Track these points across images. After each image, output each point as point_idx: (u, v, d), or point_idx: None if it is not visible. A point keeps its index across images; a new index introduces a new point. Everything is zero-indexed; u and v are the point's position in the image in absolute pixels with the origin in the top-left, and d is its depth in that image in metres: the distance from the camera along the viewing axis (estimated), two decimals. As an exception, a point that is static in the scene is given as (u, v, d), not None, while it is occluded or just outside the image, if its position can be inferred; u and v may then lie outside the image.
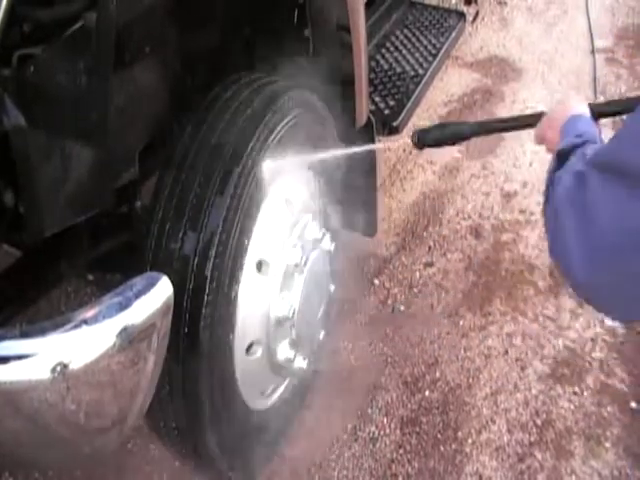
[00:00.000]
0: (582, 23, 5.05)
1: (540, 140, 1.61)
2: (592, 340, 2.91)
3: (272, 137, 1.89)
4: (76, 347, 1.27)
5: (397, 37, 3.54)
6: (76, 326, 1.29)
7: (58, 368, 1.23)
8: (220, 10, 2.08)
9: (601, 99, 4.21)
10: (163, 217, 1.76)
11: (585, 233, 1.08)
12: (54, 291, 1.78)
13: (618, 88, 4.37)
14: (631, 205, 1.00)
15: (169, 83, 1.92)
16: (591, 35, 4.89)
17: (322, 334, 2.36)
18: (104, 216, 1.69)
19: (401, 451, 2.51)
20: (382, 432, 2.55)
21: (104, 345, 1.30)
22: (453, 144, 1.92)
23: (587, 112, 1.51)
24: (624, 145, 1.07)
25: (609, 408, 2.67)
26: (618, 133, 1.09)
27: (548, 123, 1.57)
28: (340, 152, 2.21)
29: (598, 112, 1.57)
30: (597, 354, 2.86)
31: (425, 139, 1.91)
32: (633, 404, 2.69)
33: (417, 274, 3.12)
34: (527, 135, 3.78)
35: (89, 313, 1.32)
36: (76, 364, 1.26)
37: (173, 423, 1.86)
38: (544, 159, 3.67)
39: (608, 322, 2.97)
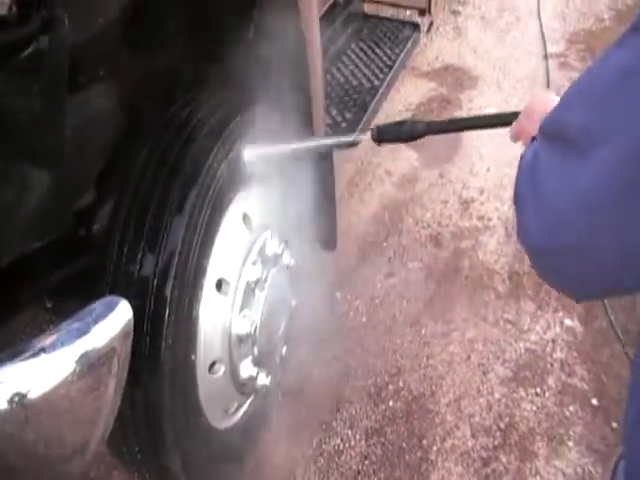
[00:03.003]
0: (535, 29, 5.12)
1: (518, 135, 1.61)
2: (552, 341, 2.95)
3: (230, 155, 1.90)
4: (34, 376, 1.26)
5: (353, 50, 3.57)
6: (34, 355, 1.28)
7: (16, 399, 1.22)
8: (174, 29, 2.08)
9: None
10: (121, 239, 1.75)
11: (539, 202, 1.09)
12: (11, 320, 1.76)
13: (572, 92, 4.43)
14: (571, 167, 1.02)
15: (125, 104, 1.91)
16: (544, 41, 4.95)
17: (284, 350, 2.37)
18: (61, 241, 1.68)
19: (367, 462, 2.52)
20: (347, 444, 2.56)
21: (63, 373, 1.29)
22: (411, 140, 1.92)
23: None
24: (561, 109, 1.09)
25: (571, 407, 2.71)
26: (562, 98, 1.11)
27: (526, 117, 1.57)
28: (306, 145, 2.19)
29: None
30: (558, 355, 2.90)
31: (383, 135, 1.93)
32: (594, 401, 2.73)
33: (378, 285, 3.14)
34: (483, 142, 3.84)
35: (47, 341, 1.31)
36: (34, 393, 1.25)
37: (136, 447, 1.84)
38: (500, 164, 3.74)
39: (567, 322, 3.01)
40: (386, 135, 1.93)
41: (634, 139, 0.93)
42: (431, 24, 4.29)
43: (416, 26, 3.95)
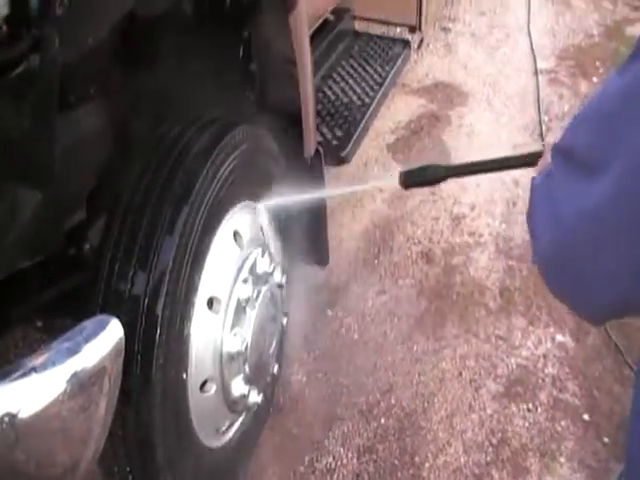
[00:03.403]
0: (524, 46, 5.14)
1: None
2: (544, 357, 2.95)
3: (220, 174, 1.90)
4: (25, 396, 1.26)
5: (343, 67, 3.58)
6: (25, 374, 1.28)
7: (6, 419, 1.22)
8: (165, 48, 2.08)
9: (545, 119, 4.29)
10: (112, 258, 1.75)
11: (551, 218, 1.12)
12: (1, 339, 1.76)
13: (561, 107, 4.45)
14: (580, 187, 1.04)
15: (116, 123, 1.92)
16: (534, 57, 4.98)
17: (276, 368, 2.37)
18: (52, 259, 1.68)
19: (359, 480, 2.52)
20: (339, 462, 2.55)
21: (54, 392, 1.30)
22: (434, 184, 2.05)
23: None
24: (569, 133, 1.12)
25: (562, 422, 2.71)
26: (574, 120, 1.13)
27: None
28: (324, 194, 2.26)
29: None
30: (549, 370, 2.90)
31: (409, 179, 2.04)
32: (585, 416, 2.73)
33: (370, 302, 3.13)
34: (474, 157, 3.85)
35: (38, 360, 1.31)
36: (25, 413, 1.25)
37: (127, 467, 1.83)
38: (491, 180, 3.76)
39: (559, 338, 3.02)
40: (411, 180, 2.04)
41: (635, 163, 0.95)
42: (421, 41, 4.30)
43: (406, 43, 3.96)
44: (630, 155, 0.96)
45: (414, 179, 2.05)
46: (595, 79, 4.74)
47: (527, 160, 1.76)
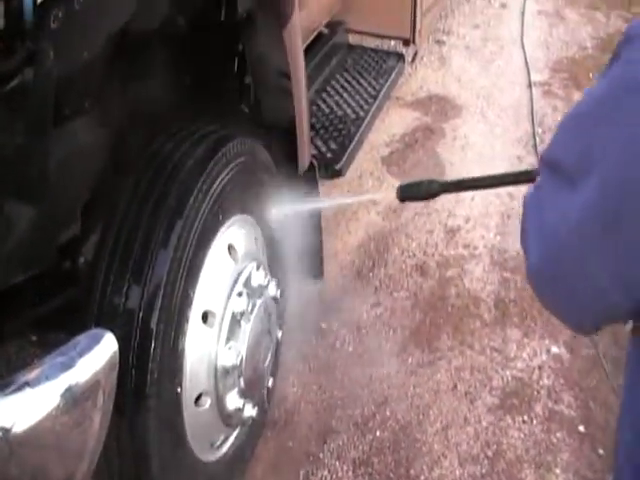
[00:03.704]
0: (518, 58, 5.17)
1: None
2: (539, 368, 2.95)
3: (215, 187, 1.90)
4: (19, 411, 1.26)
5: (337, 81, 3.59)
6: (18, 389, 1.28)
7: (0, 433, 1.21)
8: (160, 61, 2.09)
9: (539, 131, 4.31)
10: (106, 272, 1.75)
11: (540, 230, 1.13)
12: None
13: (555, 119, 4.46)
14: (565, 197, 1.04)
15: (110, 137, 1.92)
16: (527, 69, 5.00)
17: (271, 381, 2.36)
18: (46, 273, 1.67)
19: (354, 493, 2.51)
20: (334, 476, 2.54)
21: (48, 407, 1.29)
22: (429, 199, 2.10)
23: None
24: (553, 143, 1.13)
25: (558, 434, 2.71)
26: (556, 132, 1.15)
27: None
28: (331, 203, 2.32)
29: None
30: (544, 382, 2.90)
31: (405, 193, 2.10)
32: (581, 428, 2.73)
33: (364, 315, 3.13)
34: (468, 169, 3.86)
35: (32, 375, 1.31)
36: (19, 428, 1.24)
37: (122, 482, 1.84)
38: (485, 193, 3.76)
39: (554, 349, 3.02)
40: (407, 193, 2.10)
41: (611, 169, 0.95)
42: (415, 54, 4.33)
43: (400, 56, 3.99)
44: (608, 160, 0.96)
45: (409, 193, 2.10)
46: (588, 91, 4.75)
47: (524, 177, 1.77)
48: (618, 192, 0.96)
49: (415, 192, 2.10)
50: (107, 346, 1.43)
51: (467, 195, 3.80)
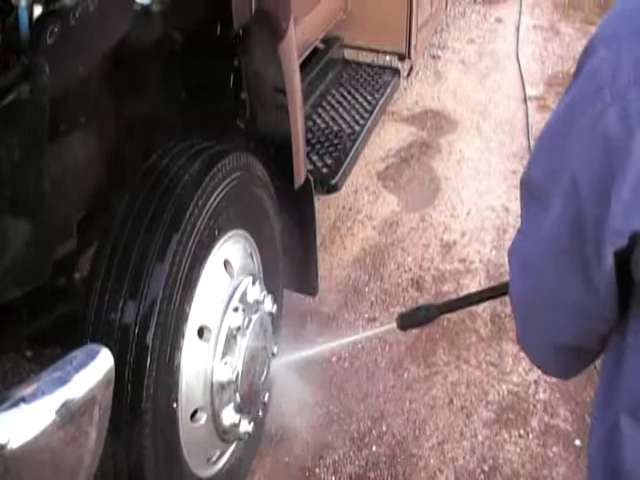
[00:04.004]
0: (514, 72, 5.18)
1: None
2: (535, 382, 2.95)
3: (210, 202, 1.91)
4: (14, 426, 1.26)
5: (333, 96, 3.60)
6: (14, 405, 1.27)
7: (-5, 450, 1.21)
8: (156, 77, 2.09)
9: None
10: (102, 287, 1.76)
11: (519, 255, 1.16)
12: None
13: (550, 135, 4.47)
14: (538, 217, 1.05)
15: (106, 152, 1.92)
16: (523, 84, 5.01)
17: (267, 396, 2.36)
18: (42, 289, 1.67)
19: (351, 509, 2.51)
20: (331, 491, 2.54)
21: (44, 423, 1.29)
22: (429, 322, 2.19)
23: None
24: (528, 165, 1.13)
25: (554, 448, 2.70)
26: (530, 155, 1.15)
27: None
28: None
29: None
30: (540, 396, 2.90)
31: (405, 322, 2.19)
32: (577, 442, 2.72)
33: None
34: (464, 184, 3.87)
35: (27, 390, 1.31)
36: (15, 443, 1.24)
37: (118, 497, 1.83)
38: (481, 207, 3.76)
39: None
40: (407, 321, 2.19)
41: (573, 181, 0.95)
42: (411, 69, 4.33)
43: (396, 71, 3.99)
44: (570, 172, 0.96)
45: (410, 320, 2.19)
46: (583, 106, 4.76)
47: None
48: (579, 205, 0.96)
49: (415, 318, 2.17)
50: (103, 361, 1.42)
51: (462, 210, 3.82)
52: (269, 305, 2.25)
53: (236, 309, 2.04)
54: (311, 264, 2.64)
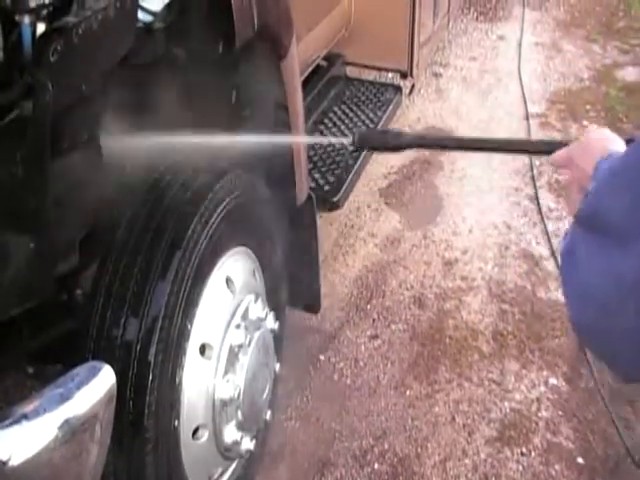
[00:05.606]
0: (515, 90, 5.21)
1: (563, 164, 1.43)
2: (537, 400, 2.94)
3: (212, 220, 1.91)
4: (16, 443, 1.26)
5: (335, 113, 3.61)
6: (16, 421, 1.27)
7: (-4, 466, 1.21)
8: (158, 94, 2.10)
9: (537, 163, 4.32)
10: (104, 304, 1.76)
11: (579, 292, 1.09)
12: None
13: (552, 152, 4.48)
14: (611, 256, 1.00)
15: (108, 169, 1.93)
16: (525, 101, 5.04)
17: (269, 414, 2.35)
18: (44, 305, 1.67)
19: (353, 527, 2.50)
20: (333, 508, 2.54)
21: (45, 439, 1.29)
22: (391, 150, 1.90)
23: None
24: (596, 197, 1.08)
25: (556, 466, 2.69)
26: (594, 186, 1.10)
27: (581, 152, 1.36)
28: None
29: None
30: (543, 413, 2.89)
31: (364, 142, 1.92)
32: (579, 459, 2.71)
33: (362, 347, 3.13)
34: (466, 202, 3.87)
35: (29, 407, 1.31)
36: (16, 460, 1.24)
37: (119, 515, 1.82)
38: (483, 225, 3.76)
39: (552, 381, 3.01)
40: (364, 141, 1.92)
41: None
42: (413, 86, 4.35)
43: (398, 88, 4.01)
44: None
45: (369, 142, 1.94)
46: (585, 122, 4.78)
47: (542, 148, 1.66)
48: None
49: (377, 142, 1.92)
50: (105, 378, 1.43)
51: (464, 228, 3.82)
52: (271, 322, 2.25)
53: (238, 326, 2.04)
54: (313, 281, 2.65)
